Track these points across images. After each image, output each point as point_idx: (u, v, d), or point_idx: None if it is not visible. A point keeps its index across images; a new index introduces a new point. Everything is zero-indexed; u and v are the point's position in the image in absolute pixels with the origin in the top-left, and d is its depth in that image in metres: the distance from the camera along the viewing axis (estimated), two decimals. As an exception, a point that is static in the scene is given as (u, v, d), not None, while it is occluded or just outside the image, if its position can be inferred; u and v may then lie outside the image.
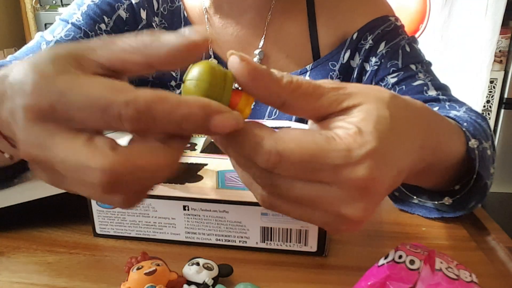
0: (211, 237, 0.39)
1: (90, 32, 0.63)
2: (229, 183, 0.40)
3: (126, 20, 0.66)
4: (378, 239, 0.41)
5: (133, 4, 0.66)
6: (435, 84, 0.61)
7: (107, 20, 0.65)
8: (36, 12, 2.14)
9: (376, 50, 0.64)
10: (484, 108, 2.02)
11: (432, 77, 0.63)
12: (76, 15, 0.65)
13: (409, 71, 0.62)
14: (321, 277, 0.35)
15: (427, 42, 1.94)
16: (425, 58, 0.66)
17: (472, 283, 0.26)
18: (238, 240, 0.39)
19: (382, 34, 0.64)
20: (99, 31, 0.64)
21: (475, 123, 0.45)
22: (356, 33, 0.65)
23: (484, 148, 0.42)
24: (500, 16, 1.86)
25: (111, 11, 0.65)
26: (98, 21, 0.64)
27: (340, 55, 0.66)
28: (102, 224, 0.41)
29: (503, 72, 2.00)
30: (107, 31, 0.64)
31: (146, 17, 0.66)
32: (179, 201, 0.39)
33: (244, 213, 0.38)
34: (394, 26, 0.65)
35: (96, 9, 0.65)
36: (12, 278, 0.35)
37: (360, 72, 0.65)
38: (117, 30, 0.65)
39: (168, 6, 0.68)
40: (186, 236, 0.40)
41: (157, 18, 0.67)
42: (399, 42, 0.63)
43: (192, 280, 0.32)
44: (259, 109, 0.66)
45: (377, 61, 0.63)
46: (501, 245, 0.40)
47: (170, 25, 0.68)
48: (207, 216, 0.39)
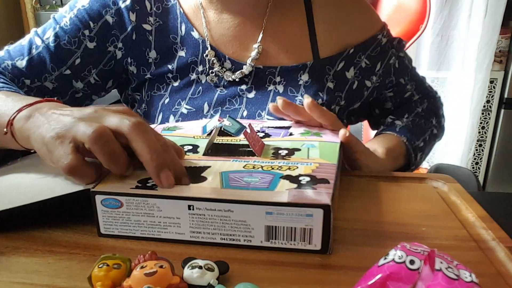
0: (215, 236, 0.39)
1: (73, 39, 0.67)
2: (233, 183, 0.41)
3: (113, 25, 0.68)
4: (378, 239, 0.41)
5: (122, 9, 0.68)
6: (417, 90, 0.82)
7: (92, 25, 0.68)
8: (36, 12, 2.14)
9: (375, 69, 0.74)
10: (484, 108, 2.03)
11: (415, 82, 0.82)
12: (65, 18, 0.68)
13: (400, 85, 0.79)
14: (321, 277, 0.35)
15: (427, 42, 1.95)
16: (409, 63, 0.81)
17: (472, 283, 0.26)
18: (242, 239, 0.39)
19: (375, 55, 0.74)
20: (82, 37, 0.67)
21: (411, 125, 0.75)
22: (352, 48, 0.72)
23: (415, 147, 0.72)
24: (500, 16, 1.86)
25: (98, 17, 0.68)
26: (83, 27, 0.67)
27: (336, 63, 0.71)
28: (106, 224, 0.41)
29: (503, 72, 2.00)
30: (90, 37, 0.68)
31: (136, 19, 0.68)
32: (184, 201, 0.39)
33: (249, 212, 0.38)
34: (383, 44, 0.74)
35: (84, 14, 0.67)
36: (12, 278, 0.35)
37: (360, 86, 0.73)
38: (101, 35, 0.68)
39: (163, 4, 0.70)
40: (191, 235, 0.40)
41: (151, 18, 0.69)
42: (389, 61, 0.75)
43: (195, 284, 0.31)
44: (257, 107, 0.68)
45: (378, 79, 0.75)
46: (501, 245, 0.40)
47: (165, 23, 0.70)
48: (211, 216, 0.39)
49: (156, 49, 0.69)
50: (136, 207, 0.40)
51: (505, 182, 2.10)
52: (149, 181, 0.41)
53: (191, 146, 0.51)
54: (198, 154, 0.49)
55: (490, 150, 2.10)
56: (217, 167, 0.44)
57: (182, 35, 0.69)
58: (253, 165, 0.45)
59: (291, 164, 0.45)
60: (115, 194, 0.40)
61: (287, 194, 0.38)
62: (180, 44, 0.69)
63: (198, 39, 0.69)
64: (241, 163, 0.45)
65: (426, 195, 0.52)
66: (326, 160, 0.47)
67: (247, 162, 0.46)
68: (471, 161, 2.10)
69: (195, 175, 0.43)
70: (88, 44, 0.67)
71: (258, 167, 0.44)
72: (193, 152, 0.49)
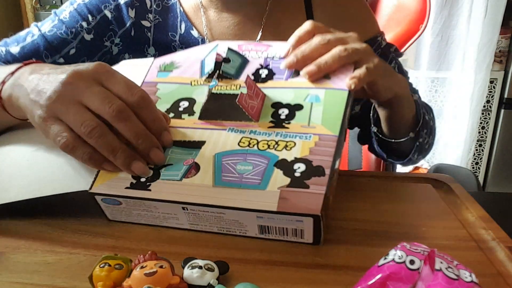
0: (212, 228, 0.41)
1: (71, 29, 0.68)
2: (225, 176, 0.40)
3: (111, 20, 0.69)
4: (378, 239, 0.41)
5: (121, 5, 0.69)
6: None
7: (91, 18, 0.68)
8: (36, 12, 2.14)
9: None
10: (484, 108, 2.03)
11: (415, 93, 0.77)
12: (65, 12, 0.69)
13: None
14: (321, 277, 0.35)
15: (427, 42, 1.95)
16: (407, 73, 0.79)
17: (472, 283, 0.26)
18: (238, 232, 0.41)
19: None
20: (79, 29, 0.68)
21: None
22: None
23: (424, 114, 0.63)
24: (500, 16, 1.86)
25: (97, 11, 0.69)
26: (81, 20, 0.68)
27: None
28: (111, 215, 0.44)
29: (503, 72, 2.00)
30: (87, 29, 0.68)
31: (134, 16, 0.69)
32: (177, 204, 0.40)
33: (240, 215, 0.39)
34: (383, 47, 0.73)
35: (84, 8, 0.69)
36: (12, 278, 0.35)
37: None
38: (99, 29, 0.69)
39: (163, 2, 0.70)
40: (190, 226, 0.42)
41: (150, 15, 0.70)
42: (390, 64, 0.73)
43: (195, 284, 0.31)
44: None
45: None
46: (501, 245, 0.40)
47: (165, 20, 0.70)
48: (206, 214, 0.40)
49: (155, 46, 0.70)
50: (135, 204, 0.41)
51: (505, 182, 2.10)
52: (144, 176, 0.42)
53: (187, 102, 0.48)
54: (194, 117, 0.46)
55: (490, 150, 2.10)
56: (212, 144, 0.43)
57: (182, 34, 0.69)
58: (248, 139, 0.43)
59: (289, 138, 0.42)
60: (111, 195, 0.41)
61: (277, 198, 0.38)
62: (179, 43, 0.70)
63: (198, 38, 0.69)
64: (236, 137, 0.43)
65: (426, 195, 0.52)
66: (328, 128, 0.43)
67: (243, 133, 0.44)
68: (471, 161, 2.10)
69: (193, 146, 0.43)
70: (85, 36, 0.68)
71: (253, 143, 0.43)
72: (189, 114, 0.47)
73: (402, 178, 0.57)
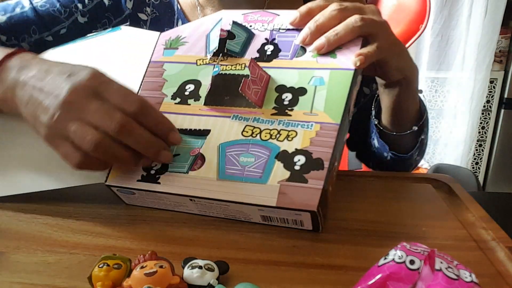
0: (220, 215, 0.44)
1: (65, 8, 0.67)
2: (229, 169, 0.42)
3: (108, 7, 0.68)
4: (378, 239, 0.41)
5: None
6: None
7: (87, 1, 0.67)
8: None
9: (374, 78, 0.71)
10: (484, 108, 2.03)
11: None
12: None
13: None
14: (321, 277, 0.35)
15: (427, 42, 1.95)
16: None
17: (472, 283, 0.26)
18: (243, 218, 0.44)
19: None
20: (74, 9, 0.67)
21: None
22: None
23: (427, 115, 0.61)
24: (500, 16, 1.86)
25: None
26: (77, 1, 0.67)
27: None
28: (127, 200, 0.48)
29: (503, 72, 2.00)
30: (82, 11, 0.67)
31: (132, 7, 0.69)
32: (185, 196, 0.43)
33: (243, 207, 0.41)
34: None
35: None
36: (12, 278, 0.35)
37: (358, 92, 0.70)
38: (94, 13, 0.68)
39: None
40: (199, 212, 0.45)
41: (148, 8, 0.70)
42: None
43: (195, 284, 0.31)
44: None
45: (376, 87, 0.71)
46: (501, 245, 0.40)
47: (162, 15, 0.70)
48: (212, 205, 0.43)
49: None
50: (147, 194, 0.44)
51: (505, 182, 2.10)
52: (153, 168, 0.44)
53: (193, 86, 0.48)
54: (199, 102, 0.46)
55: (490, 150, 2.10)
56: (216, 133, 0.44)
57: None
58: (252, 128, 0.43)
59: (291, 127, 0.42)
60: (124, 188, 0.44)
61: (277, 192, 0.39)
62: None
63: None
64: (240, 125, 0.44)
65: (426, 195, 0.52)
66: (330, 116, 0.42)
67: (247, 121, 0.44)
68: (471, 161, 2.10)
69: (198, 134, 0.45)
70: (79, 18, 0.67)
71: (256, 132, 0.43)
72: (195, 99, 0.47)
73: (402, 178, 0.57)
